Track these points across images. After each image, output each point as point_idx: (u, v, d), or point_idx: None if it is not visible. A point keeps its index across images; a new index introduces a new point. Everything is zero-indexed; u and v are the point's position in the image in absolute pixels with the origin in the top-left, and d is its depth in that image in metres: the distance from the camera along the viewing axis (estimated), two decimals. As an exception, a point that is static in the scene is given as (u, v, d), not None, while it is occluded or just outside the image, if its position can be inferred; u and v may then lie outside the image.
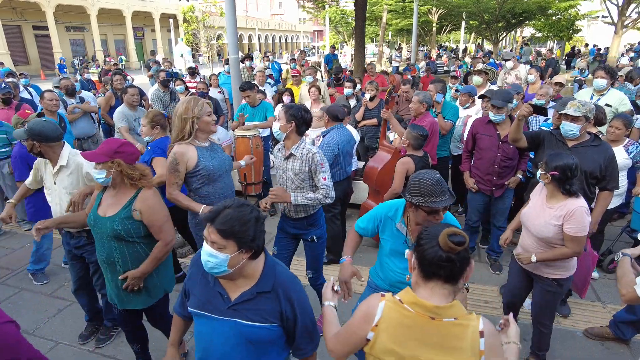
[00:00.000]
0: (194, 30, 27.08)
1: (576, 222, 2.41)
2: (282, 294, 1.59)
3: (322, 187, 2.80)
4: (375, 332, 1.40)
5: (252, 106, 5.31)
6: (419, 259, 1.40)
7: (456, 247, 1.31)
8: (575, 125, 3.02)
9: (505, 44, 34.75)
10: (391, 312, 1.39)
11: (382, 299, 1.44)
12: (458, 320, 1.33)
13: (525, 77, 7.08)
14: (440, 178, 2.01)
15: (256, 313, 1.57)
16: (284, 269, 1.69)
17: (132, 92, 5.16)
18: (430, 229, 1.43)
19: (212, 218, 1.48)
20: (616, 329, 3.09)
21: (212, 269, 1.50)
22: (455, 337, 1.32)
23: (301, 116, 2.77)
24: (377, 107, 5.77)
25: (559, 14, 24.22)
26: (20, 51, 27.02)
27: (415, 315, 1.35)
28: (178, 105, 2.68)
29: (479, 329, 1.33)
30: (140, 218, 2.34)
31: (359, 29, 11.74)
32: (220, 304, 1.60)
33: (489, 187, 3.94)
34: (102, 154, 2.29)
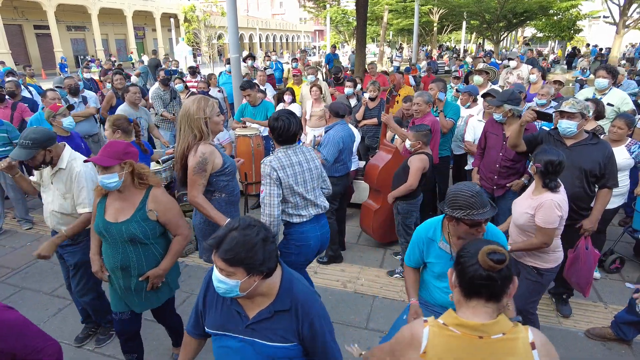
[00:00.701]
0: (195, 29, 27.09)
1: (544, 214, 2.51)
2: (300, 312, 1.53)
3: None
4: (424, 358, 1.35)
5: (252, 105, 5.30)
6: (459, 277, 1.36)
7: (496, 266, 1.27)
8: (572, 122, 3.04)
9: (507, 44, 34.72)
10: (437, 337, 1.35)
11: (425, 324, 1.39)
12: (506, 335, 1.29)
13: (527, 76, 7.06)
14: (480, 190, 1.96)
15: (275, 332, 1.53)
16: (302, 284, 1.60)
17: (134, 91, 5.16)
18: (470, 245, 1.39)
19: (217, 244, 1.40)
20: (618, 330, 3.08)
21: (224, 293, 1.46)
22: (506, 353, 1.28)
23: (275, 127, 2.62)
24: (378, 107, 5.76)
25: (560, 14, 24.20)
26: (22, 50, 27.02)
27: (463, 336, 1.31)
28: (188, 105, 2.58)
29: (529, 340, 1.29)
30: (156, 218, 2.32)
31: (360, 28, 11.73)
32: (238, 322, 1.55)
33: (490, 185, 3.95)
34: (112, 157, 2.21)
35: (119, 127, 3.46)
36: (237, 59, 6.34)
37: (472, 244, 1.39)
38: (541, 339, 1.31)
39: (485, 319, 1.30)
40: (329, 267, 4.18)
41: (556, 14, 24.20)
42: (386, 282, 3.94)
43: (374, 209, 4.39)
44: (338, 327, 3.34)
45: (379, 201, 4.39)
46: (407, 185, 3.70)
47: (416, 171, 3.66)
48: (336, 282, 3.93)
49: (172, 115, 6.22)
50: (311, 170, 2.74)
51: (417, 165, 3.67)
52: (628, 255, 4.29)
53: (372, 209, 4.40)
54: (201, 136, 2.56)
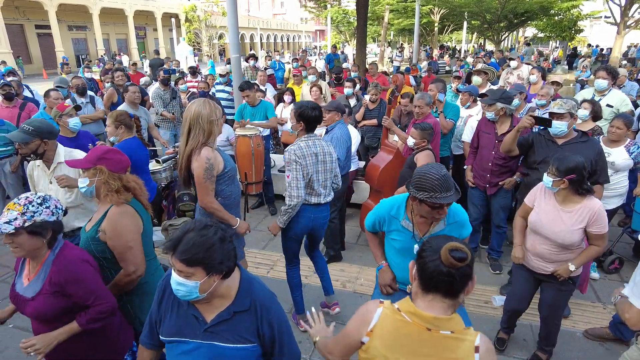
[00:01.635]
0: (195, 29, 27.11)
1: (602, 221, 2.45)
2: (259, 311, 1.53)
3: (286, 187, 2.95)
4: (370, 337, 1.40)
5: (252, 106, 5.31)
6: (420, 270, 1.38)
7: (457, 264, 1.29)
8: (563, 122, 3.11)
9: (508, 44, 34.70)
10: (387, 319, 1.39)
11: (380, 305, 1.43)
12: (455, 334, 1.31)
13: (527, 77, 7.07)
14: (446, 173, 1.97)
15: (234, 333, 1.51)
16: (261, 286, 1.61)
17: (134, 90, 5.18)
18: (434, 241, 1.40)
19: (173, 247, 1.40)
20: (616, 330, 3.09)
21: (184, 296, 1.44)
22: (449, 349, 1.30)
23: (308, 115, 2.93)
24: (377, 108, 5.77)
25: (561, 14, 24.18)
26: (23, 50, 27.07)
27: (412, 325, 1.34)
28: (199, 108, 2.54)
29: (475, 344, 1.31)
30: (105, 239, 2.06)
31: (360, 28, 11.75)
32: (196, 327, 1.52)
33: (483, 183, 3.99)
34: (86, 160, 2.14)
35: (122, 122, 3.50)
36: (237, 59, 6.35)
37: (435, 240, 1.40)
38: (487, 346, 1.33)
39: (439, 313, 1.33)
40: (329, 267, 4.17)
41: (557, 14, 24.19)
42: (385, 282, 3.94)
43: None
44: (338, 327, 3.34)
45: (379, 201, 4.39)
46: None
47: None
48: (335, 282, 3.93)
49: (172, 115, 6.23)
50: (325, 164, 3.04)
51: (426, 161, 3.67)
52: (627, 255, 4.30)
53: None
54: (210, 138, 2.57)
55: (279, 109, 6.44)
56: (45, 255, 1.85)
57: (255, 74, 8.48)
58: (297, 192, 2.92)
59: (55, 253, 1.86)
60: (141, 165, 3.56)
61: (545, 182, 2.54)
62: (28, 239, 1.77)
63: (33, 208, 1.79)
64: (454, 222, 2.20)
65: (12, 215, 1.75)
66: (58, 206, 1.89)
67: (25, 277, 1.87)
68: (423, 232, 2.19)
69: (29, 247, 1.78)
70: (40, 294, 1.80)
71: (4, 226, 1.72)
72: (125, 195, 2.12)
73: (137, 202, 2.21)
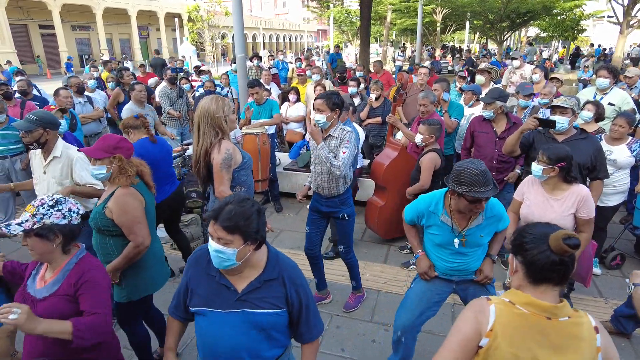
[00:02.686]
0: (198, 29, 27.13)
1: (589, 206, 2.56)
2: (287, 280, 1.65)
3: (338, 160, 2.97)
4: (491, 337, 1.31)
5: (258, 104, 5.38)
6: (528, 264, 1.33)
7: (572, 250, 1.26)
8: (565, 117, 3.16)
9: (511, 43, 34.67)
10: (504, 314, 1.32)
11: (490, 302, 1.37)
12: (572, 318, 1.30)
13: (529, 76, 7.11)
14: (485, 169, 2.03)
15: (265, 301, 1.61)
16: (286, 257, 1.74)
17: (140, 89, 5.26)
18: (534, 230, 1.36)
19: (216, 216, 1.52)
20: (618, 324, 3.14)
21: (222, 262, 1.54)
22: (574, 336, 1.28)
23: (341, 101, 3.03)
24: (382, 106, 5.83)
25: (564, 14, 24.15)
26: (27, 50, 27.19)
27: (531, 316, 1.30)
28: (207, 105, 2.62)
29: (593, 325, 1.31)
30: (111, 216, 2.34)
31: (363, 28, 11.81)
32: (227, 297, 1.61)
33: None
34: (102, 150, 2.37)
35: (128, 127, 3.61)
36: (242, 58, 6.41)
37: (535, 229, 1.36)
38: (601, 325, 1.34)
39: (553, 302, 1.31)
40: (335, 263, 4.25)
41: (560, 14, 24.16)
42: (390, 278, 4.01)
43: (379, 205, 4.46)
44: (343, 320, 3.42)
45: (384, 198, 4.46)
46: (418, 185, 3.77)
47: (426, 171, 3.73)
48: (341, 277, 4.00)
49: (178, 113, 6.31)
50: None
51: (427, 165, 3.73)
52: (629, 252, 4.36)
53: (378, 205, 4.47)
54: (222, 134, 2.65)
55: (283, 108, 6.51)
56: (63, 262, 1.84)
57: (259, 74, 8.55)
58: (346, 169, 3.02)
59: (78, 259, 1.87)
60: (157, 161, 3.50)
61: (535, 170, 2.62)
62: (37, 241, 1.77)
63: (43, 210, 1.77)
64: (492, 216, 2.27)
65: (25, 217, 1.76)
66: (73, 209, 1.85)
67: (40, 279, 1.87)
68: (462, 227, 2.26)
69: (39, 250, 1.79)
70: (54, 295, 1.79)
71: (14, 227, 1.74)
72: (132, 179, 2.41)
73: (142, 184, 2.51)
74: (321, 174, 3.14)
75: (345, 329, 3.32)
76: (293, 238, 4.81)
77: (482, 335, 1.32)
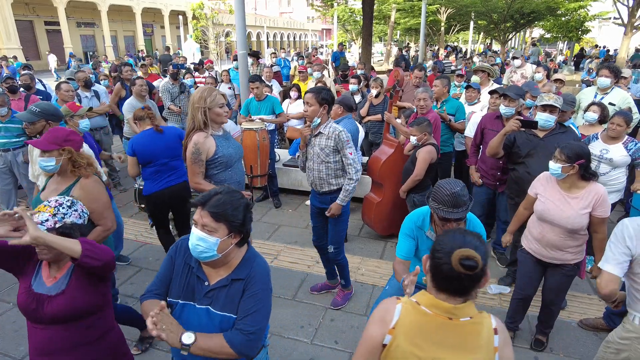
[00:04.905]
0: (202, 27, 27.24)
1: (606, 205, 2.54)
2: (250, 282, 1.58)
3: (349, 165, 3.04)
4: (393, 335, 1.35)
5: (258, 100, 5.41)
6: (432, 269, 1.36)
7: (467, 272, 1.27)
8: (552, 116, 3.20)
9: (515, 44, 34.55)
10: (408, 314, 1.36)
11: (398, 301, 1.41)
12: (473, 319, 1.33)
13: (531, 75, 7.11)
14: (458, 191, 2.03)
15: (228, 302, 1.57)
16: (263, 261, 1.68)
17: (140, 83, 5.32)
18: (447, 240, 1.36)
19: (204, 202, 1.52)
20: (609, 320, 3.16)
21: (201, 253, 1.51)
22: (472, 336, 1.32)
23: (330, 97, 3.03)
24: (382, 103, 5.85)
25: (568, 15, 24.05)
26: (32, 46, 27.38)
27: (433, 316, 1.33)
28: (194, 94, 2.72)
29: (493, 326, 1.35)
30: None
31: (366, 26, 11.82)
32: (199, 290, 1.60)
33: (493, 181, 4.00)
34: (52, 142, 2.40)
35: (136, 118, 3.72)
36: (244, 55, 6.45)
37: (448, 238, 1.36)
38: (502, 325, 1.37)
39: (455, 304, 1.33)
40: (331, 258, 4.29)
41: (564, 15, 24.07)
42: (386, 273, 4.04)
43: (375, 201, 4.49)
44: (338, 313, 3.45)
45: (380, 194, 4.49)
46: (412, 176, 3.79)
47: (422, 162, 3.75)
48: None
49: (178, 109, 6.37)
50: None
51: (424, 157, 3.75)
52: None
53: (374, 201, 4.50)
54: (197, 125, 2.67)
55: (285, 104, 6.54)
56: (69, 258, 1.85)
57: (257, 70, 8.59)
58: (359, 166, 3.07)
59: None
60: (155, 156, 3.52)
61: (553, 169, 2.57)
62: None
63: (64, 210, 1.84)
64: None
65: (44, 217, 1.77)
66: (84, 210, 1.95)
67: (47, 278, 1.86)
68: None
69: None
70: (68, 287, 1.81)
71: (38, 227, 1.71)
72: (92, 168, 2.53)
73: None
74: (313, 170, 3.14)
75: (339, 322, 3.35)
76: (291, 233, 4.84)
77: (385, 332, 1.36)
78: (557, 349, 3.07)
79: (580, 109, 4.95)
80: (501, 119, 3.90)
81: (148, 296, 1.68)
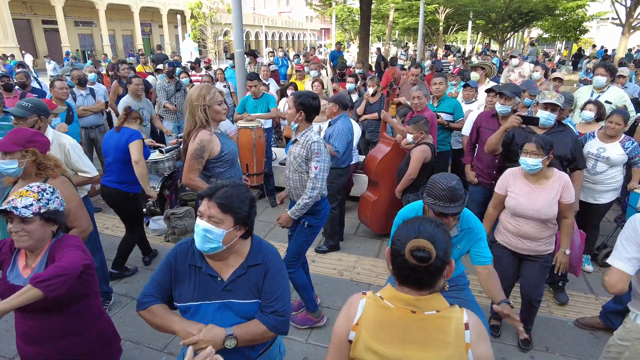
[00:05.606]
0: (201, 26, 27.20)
1: (571, 191, 2.63)
2: (270, 267, 1.64)
3: (311, 179, 2.78)
4: (357, 331, 1.31)
5: (254, 98, 5.39)
6: (392, 262, 1.30)
7: (420, 264, 1.20)
8: (553, 114, 3.19)
9: (514, 44, 34.58)
10: (371, 308, 1.32)
11: (362, 296, 1.37)
12: (440, 312, 1.25)
13: (529, 74, 7.10)
14: (454, 185, 2.00)
15: (250, 288, 1.60)
16: (269, 244, 1.74)
17: (137, 82, 5.30)
18: (403, 230, 1.29)
19: (211, 194, 1.53)
20: (606, 319, 3.15)
21: (205, 244, 1.50)
22: (438, 330, 1.24)
23: (309, 104, 2.83)
24: (379, 102, 5.83)
25: (566, 15, 24.09)
26: (30, 45, 27.25)
27: (395, 310, 1.27)
28: (191, 92, 2.68)
29: (464, 321, 1.26)
30: None
31: (363, 25, 11.81)
32: (213, 287, 1.59)
33: (489, 180, 3.98)
34: (14, 143, 2.23)
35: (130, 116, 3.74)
36: (240, 54, 6.43)
37: (405, 228, 1.29)
38: (475, 320, 1.28)
39: (418, 296, 1.26)
40: (327, 256, 4.27)
41: (562, 15, 24.10)
42: (382, 271, 4.02)
43: (372, 200, 4.47)
44: (333, 312, 3.43)
45: (377, 193, 4.47)
46: (406, 176, 3.77)
47: (415, 161, 3.72)
48: (333, 270, 4.02)
49: (174, 107, 6.34)
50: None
51: (417, 156, 3.73)
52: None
53: (370, 200, 4.48)
54: (200, 123, 2.65)
55: (281, 103, 6.52)
56: (45, 246, 1.83)
57: (254, 68, 8.56)
58: (322, 184, 2.79)
59: (57, 239, 1.87)
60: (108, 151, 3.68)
61: (533, 164, 2.59)
62: (41, 226, 1.75)
63: (47, 196, 1.79)
64: (467, 228, 2.27)
65: (28, 201, 1.71)
66: (62, 198, 1.91)
67: (24, 269, 1.83)
68: None
69: (39, 235, 1.76)
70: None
71: (23, 210, 1.69)
72: (59, 169, 2.41)
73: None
74: (289, 179, 3.01)
75: (334, 322, 3.31)
76: (286, 232, 4.77)
77: (349, 328, 1.32)
78: (554, 348, 3.06)
79: (577, 107, 4.93)
80: (497, 118, 3.88)
81: (152, 301, 1.62)
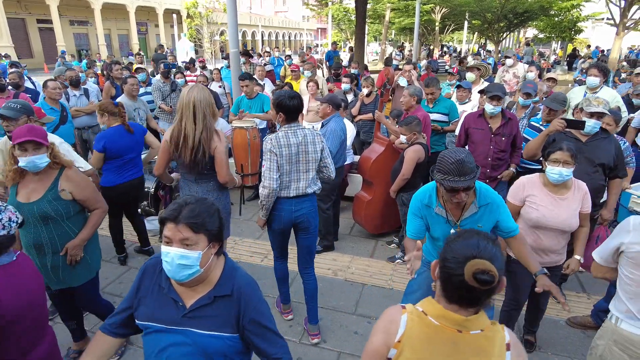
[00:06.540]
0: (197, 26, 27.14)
1: (589, 199, 2.56)
2: (242, 298, 1.46)
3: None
4: (398, 348, 1.25)
5: (249, 98, 5.39)
6: (443, 279, 1.24)
7: (482, 287, 1.14)
8: (599, 122, 3.07)
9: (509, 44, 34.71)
10: (415, 325, 1.26)
11: (403, 311, 1.30)
12: (484, 332, 1.23)
13: (523, 75, 7.13)
14: (463, 158, 1.96)
15: (214, 321, 1.43)
16: (244, 272, 1.56)
17: (132, 82, 5.27)
18: (459, 247, 1.22)
19: (176, 215, 1.35)
20: (597, 318, 3.17)
21: (182, 272, 1.36)
22: (483, 350, 1.21)
23: (286, 105, 2.78)
24: (373, 102, 5.85)
25: (562, 15, 24.20)
26: (24, 44, 27.11)
27: (441, 328, 1.23)
28: (198, 94, 2.68)
29: (506, 341, 1.24)
30: (69, 197, 2.44)
31: (359, 24, 11.83)
32: (173, 312, 1.44)
33: (483, 179, 4.00)
34: (43, 138, 2.34)
35: (105, 110, 3.73)
36: (235, 54, 6.42)
37: (460, 244, 1.22)
38: (515, 340, 1.27)
39: (466, 315, 1.23)
40: (321, 256, 4.27)
41: (557, 15, 24.21)
42: (376, 271, 4.03)
43: (366, 200, 4.48)
44: (327, 312, 3.44)
45: (371, 193, 4.48)
46: (400, 176, 3.79)
47: (409, 161, 3.74)
48: (327, 270, 4.02)
49: (169, 108, 6.32)
50: (307, 154, 2.87)
51: (411, 156, 3.75)
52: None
53: (365, 200, 4.49)
54: (212, 127, 2.77)
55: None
56: None
57: (250, 69, 8.55)
58: (269, 182, 2.77)
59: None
60: (124, 151, 3.76)
61: (564, 175, 2.43)
62: None
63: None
64: (486, 204, 2.19)
65: None
66: (12, 219, 1.73)
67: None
68: (457, 217, 2.23)
69: None
70: None
71: None
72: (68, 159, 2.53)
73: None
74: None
75: (328, 321, 3.33)
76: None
77: (390, 345, 1.27)
78: (545, 347, 3.08)
79: (570, 107, 4.96)
80: (484, 117, 3.90)
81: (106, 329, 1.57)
